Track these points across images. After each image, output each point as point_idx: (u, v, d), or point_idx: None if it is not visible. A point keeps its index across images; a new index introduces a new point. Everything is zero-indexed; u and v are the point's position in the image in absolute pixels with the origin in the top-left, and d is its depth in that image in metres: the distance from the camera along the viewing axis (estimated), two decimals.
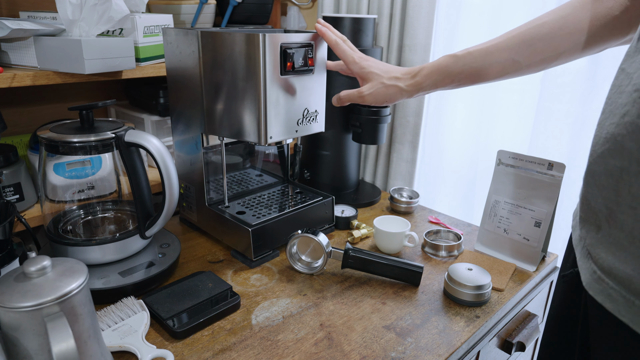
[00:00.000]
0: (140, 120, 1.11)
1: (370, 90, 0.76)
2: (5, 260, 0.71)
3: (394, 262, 0.87)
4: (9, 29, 0.73)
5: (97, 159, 0.89)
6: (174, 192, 0.80)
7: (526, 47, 0.65)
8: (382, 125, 1.13)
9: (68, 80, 0.83)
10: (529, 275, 0.91)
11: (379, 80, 0.76)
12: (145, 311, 0.74)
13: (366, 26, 1.08)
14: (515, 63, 0.67)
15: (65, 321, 0.50)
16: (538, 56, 0.65)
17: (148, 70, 0.96)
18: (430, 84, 0.73)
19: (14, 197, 0.88)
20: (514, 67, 0.68)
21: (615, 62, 0.95)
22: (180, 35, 0.87)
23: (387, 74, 0.76)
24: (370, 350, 0.70)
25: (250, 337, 0.72)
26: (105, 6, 0.81)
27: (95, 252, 0.80)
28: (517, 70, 0.68)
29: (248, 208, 1.00)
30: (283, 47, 0.78)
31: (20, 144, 1.03)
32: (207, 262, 0.93)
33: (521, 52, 0.66)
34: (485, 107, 1.18)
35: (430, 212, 1.20)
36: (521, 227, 0.94)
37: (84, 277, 0.54)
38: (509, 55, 0.67)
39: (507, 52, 0.67)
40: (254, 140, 0.83)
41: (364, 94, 0.77)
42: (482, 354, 0.80)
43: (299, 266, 0.91)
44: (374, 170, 1.39)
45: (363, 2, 1.24)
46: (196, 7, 1.14)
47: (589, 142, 1.02)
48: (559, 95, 1.04)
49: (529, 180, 0.93)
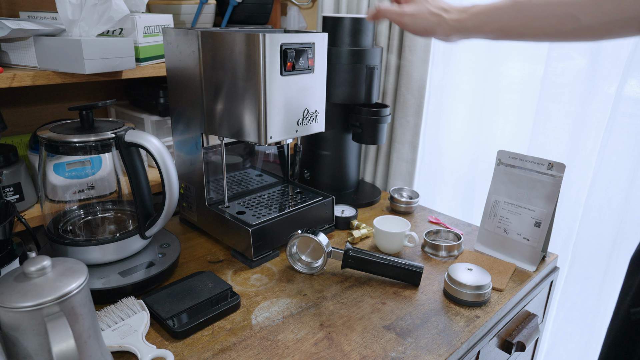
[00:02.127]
0: (140, 120, 1.11)
1: (414, 12, 0.70)
2: (5, 260, 0.71)
3: (394, 262, 0.87)
4: (9, 29, 0.73)
5: (97, 159, 0.89)
6: (174, 192, 0.80)
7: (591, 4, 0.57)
8: (382, 125, 1.13)
9: (68, 80, 0.83)
10: (529, 275, 0.91)
11: (425, 5, 0.70)
12: (145, 311, 0.74)
13: (366, 26, 1.08)
14: (574, 20, 0.59)
15: (65, 321, 0.50)
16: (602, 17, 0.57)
17: (148, 70, 0.96)
18: (476, 24, 0.67)
19: (14, 197, 0.88)
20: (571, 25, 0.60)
21: (615, 62, 0.95)
22: (180, 35, 0.87)
23: (434, 2, 0.70)
24: (370, 350, 0.70)
25: (250, 337, 0.72)
26: (105, 6, 0.81)
27: (95, 252, 0.80)
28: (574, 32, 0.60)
29: (248, 208, 1.00)
30: (283, 47, 0.78)
31: (20, 144, 1.03)
32: (207, 262, 0.93)
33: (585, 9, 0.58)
34: (485, 107, 1.18)
35: (430, 212, 1.20)
36: (521, 227, 0.94)
37: (84, 277, 0.54)
38: (570, 10, 0.59)
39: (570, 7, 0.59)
40: (254, 140, 0.83)
41: (404, 14, 0.71)
42: (482, 354, 0.80)
43: (299, 266, 0.91)
44: (374, 170, 1.39)
45: (363, 2, 1.24)
46: (196, 7, 1.14)
47: (589, 142, 1.02)
48: (559, 95, 1.04)
49: (529, 180, 0.93)
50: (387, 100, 1.29)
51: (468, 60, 1.18)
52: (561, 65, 1.02)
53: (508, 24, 0.65)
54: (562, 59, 1.02)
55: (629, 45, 0.92)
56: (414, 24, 0.71)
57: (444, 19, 0.69)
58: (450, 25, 0.69)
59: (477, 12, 0.66)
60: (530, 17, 0.63)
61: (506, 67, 1.13)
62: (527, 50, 1.09)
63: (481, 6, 0.66)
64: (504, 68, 1.13)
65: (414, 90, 1.22)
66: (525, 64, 1.11)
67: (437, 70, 1.23)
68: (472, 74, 1.18)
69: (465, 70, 1.19)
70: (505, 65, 1.13)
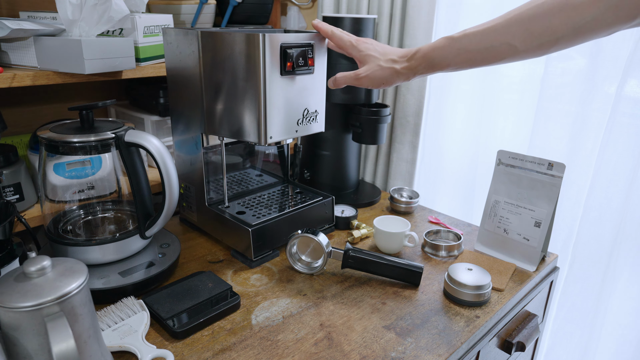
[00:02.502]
0: (140, 120, 1.11)
1: (367, 72, 0.74)
2: (5, 260, 0.71)
3: (394, 262, 0.87)
4: (9, 29, 0.73)
5: (97, 159, 0.89)
6: (174, 192, 0.80)
7: (522, 30, 0.62)
8: (382, 125, 1.13)
9: (68, 80, 0.83)
10: (529, 275, 0.91)
11: (376, 63, 0.74)
12: (145, 311, 0.74)
13: (366, 26, 1.08)
14: (511, 48, 0.63)
15: (65, 321, 0.50)
16: (535, 40, 0.61)
17: (148, 70, 0.96)
18: (426, 67, 0.71)
19: (14, 197, 0.88)
20: (510, 52, 0.64)
21: (615, 62, 0.95)
22: (180, 35, 0.87)
23: (384, 56, 0.74)
24: (370, 350, 0.70)
25: (250, 337, 0.72)
26: (105, 6, 0.81)
27: (95, 252, 0.80)
28: (514, 55, 0.65)
29: (248, 208, 1.00)
30: (283, 47, 0.78)
31: (20, 144, 1.03)
32: (207, 262, 0.93)
33: (517, 36, 0.62)
34: (485, 107, 1.18)
35: (430, 212, 1.20)
36: (521, 227, 0.94)
37: (84, 277, 0.54)
38: (504, 39, 0.63)
39: (503, 36, 0.63)
40: (254, 140, 0.83)
41: (360, 76, 0.75)
42: (482, 354, 0.80)
43: (299, 266, 0.91)
44: (374, 170, 1.39)
45: (363, 2, 1.24)
46: (196, 7, 1.14)
47: (589, 142, 1.02)
48: (559, 95, 1.04)
49: (529, 180, 0.93)
50: (387, 100, 1.29)
51: None
52: (561, 65, 1.02)
53: (454, 61, 0.69)
54: (562, 59, 1.02)
55: (629, 45, 0.92)
56: (372, 82, 0.75)
57: (396, 70, 0.73)
58: (404, 73, 0.73)
59: (423, 55, 0.70)
60: (471, 51, 0.67)
61: (506, 67, 1.13)
62: None
63: (425, 49, 0.70)
64: (504, 68, 1.13)
65: (414, 90, 1.22)
66: (525, 64, 1.11)
67: None
68: (472, 74, 1.18)
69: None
70: (505, 65, 1.13)
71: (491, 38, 0.65)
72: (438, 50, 0.69)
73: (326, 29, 0.79)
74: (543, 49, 0.63)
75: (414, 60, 0.71)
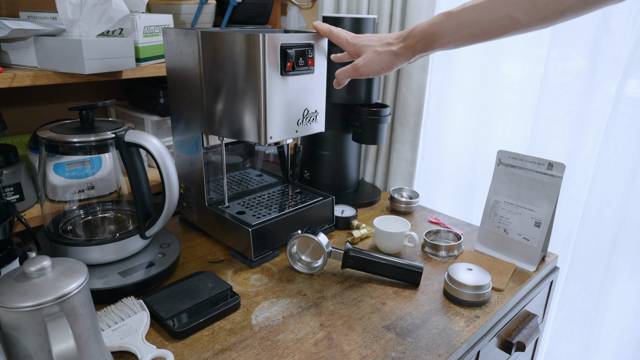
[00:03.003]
0: (140, 120, 1.11)
1: (364, 61, 0.73)
2: (5, 260, 0.71)
3: (394, 262, 0.87)
4: (9, 29, 0.73)
5: (97, 159, 0.89)
6: (174, 192, 0.80)
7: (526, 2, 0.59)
8: (382, 125, 1.13)
9: (68, 80, 0.83)
10: (528, 275, 0.91)
11: (372, 50, 0.72)
12: (145, 311, 0.74)
13: (366, 26, 1.08)
14: (513, 20, 0.61)
15: (65, 321, 0.50)
16: (539, 12, 0.59)
17: (148, 70, 0.96)
18: (425, 44, 0.68)
19: (14, 197, 0.88)
20: (512, 25, 0.61)
21: (615, 62, 0.95)
22: (180, 35, 0.87)
23: (380, 42, 0.72)
24: (370, 350, 0.70)
25: (250, 337, 0.72)
26: (105, 6, 0.81)
27: (95, 252, 0.80)
28: (517, 29, 0.62)
29: (248, 208, 1.00)
30: (283, 47, 0.78)
31: (20, 144, 1.03)
32: (207, 262, 0.93)
33: (520, 8, 0.59)
34: (485, 107, 1.18)
35: (430, 212, 1.20)
36: (521, 227, 0.94)
37: (84, 277, 0.54)
38: (506, 12, 0.60)
39: (505, 8, 0.60)
40: (254, 140, 0.83)
41: (358, 66, 0.73)
42: (482, 354, 0.80)
43: (299, 266, 0.91)
44: (374, 170, 1.39)
45: (363, 2, 1.24)
46: (196, 7, 1.14)
47: (589, 142, 1.02)
48: (558, 95, 1.04)
49: (528, 180, 0.93)
50: (387, 100, 1.29)
51: (468, 60, 1.18)
52: (561, 65, 1.02)
53: (454, 37, 0.66)
54: (562, 59, 1.02)
55: (629, 45, 0.92)
56: (371, 69, 0.73)
57: (393, 52, 0.71)
58: (402, 53, 0.70)
59: (420, 32, 0.68)
60: (471, 26, 0.64)
61: (506, 67, 1.13)
62: (527, 50, 1.09)
63: (421, 26, 0.68)
64: (504, 68, 1.13)
65: (414, 90, 1.22)
66: (525, 64, 1.11)
67: (437, 70, 1.23)
68: (472, 74, 1.18)
69: (465, 70, 1.19)
70: (505, 65, 1.13)
71: (492, 11, 0.62)
72: (436, 26, 0.67)
73: (325, 28, 0.79)
74: (548, 21, 0.60)
75: (410, 38, 0.69)
